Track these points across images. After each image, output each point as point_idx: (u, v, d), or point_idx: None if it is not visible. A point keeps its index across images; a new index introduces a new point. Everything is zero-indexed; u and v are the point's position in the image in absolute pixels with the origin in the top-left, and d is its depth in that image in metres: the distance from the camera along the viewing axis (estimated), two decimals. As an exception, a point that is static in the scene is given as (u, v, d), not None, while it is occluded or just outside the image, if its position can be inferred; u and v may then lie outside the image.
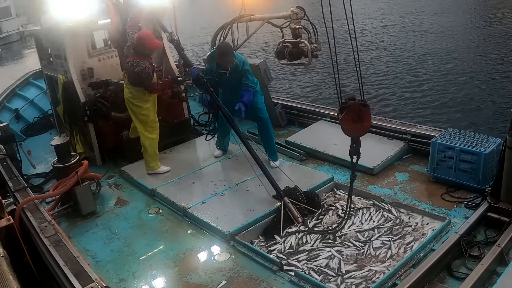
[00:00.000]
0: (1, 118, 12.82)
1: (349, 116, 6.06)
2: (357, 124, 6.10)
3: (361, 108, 6.04)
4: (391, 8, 40.34)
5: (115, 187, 9.11)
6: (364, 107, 6.05)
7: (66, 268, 5.64)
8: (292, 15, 8.93)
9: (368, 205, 7.32)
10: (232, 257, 6.49)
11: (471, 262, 5.78)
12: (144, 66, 8.27)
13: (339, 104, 6.15)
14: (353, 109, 6.03)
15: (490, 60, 21.68)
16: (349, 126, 6.13)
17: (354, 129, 6.17)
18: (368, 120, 6.12)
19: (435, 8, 36.87)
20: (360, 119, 6.07)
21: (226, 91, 8.82)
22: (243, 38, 10.74)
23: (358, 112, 6.04)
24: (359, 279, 5.73)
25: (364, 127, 6.16)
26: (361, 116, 6.06)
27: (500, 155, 6.52)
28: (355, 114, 6.05)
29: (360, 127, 6.13)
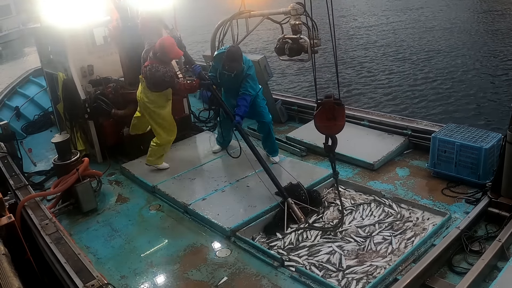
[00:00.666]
0: (2, 116, 12.82)
1: (323, 113, 6.19)
2: (331, 122, 6.24)
3: (335, 107, 6.13)
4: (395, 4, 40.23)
5: (116, 184, 9.12)
6: (338, 106, 6.15)
7: (68, 265, 5.65)
8: (291, 11, 8.92)
9: (369, 200, 7.32)
10: (233, 253, 6.50)
11: (471, 257, 5.78)
12: (164, 71, 8.26)
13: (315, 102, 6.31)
14: (327, 107, 6.14)
15: (491, 56, 21.66)
16: (323, 124, 6.28)
17: (327, 127, 6.32)
18: (342, 119, 6.26)
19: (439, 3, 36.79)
20: (334, 118, 6.18)
21: (228, 91, 8.87)
22: (243, 34, 10.73)
23: (332, 110, 6.14)
24: (360, 274, 5.74)
25: (338, 126, 6.29)
26: (335, 114, 6.17)
27: (501, 150, 6.52)
28: (329, 113, 6.16)
29: (334, 125, 6.27)
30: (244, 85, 8.41)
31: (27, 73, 15.44)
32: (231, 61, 8.14)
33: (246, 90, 8.40)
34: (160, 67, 8.21)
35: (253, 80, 8.52)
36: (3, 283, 4.77)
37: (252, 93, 8.46)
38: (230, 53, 8.18)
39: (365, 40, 27.74)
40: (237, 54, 8.21)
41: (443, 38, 25.67)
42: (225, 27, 10.46)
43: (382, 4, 41.04)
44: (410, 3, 38.70)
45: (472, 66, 20.43)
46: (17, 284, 4.79)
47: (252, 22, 10.44)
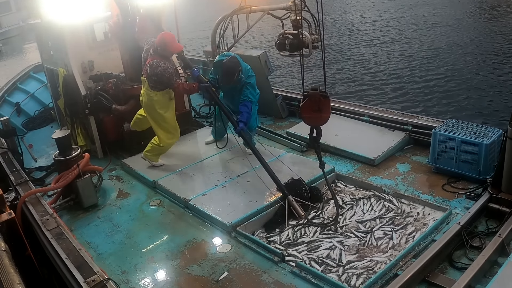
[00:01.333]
0: (2, 112, 12.86)
1: (309, 105, 6.32)
2: (316, 114, 6.37)
3: (321, 99, 6.25)
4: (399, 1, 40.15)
5: (117, 179, 9.12)
6: (324, 98, 6.27)
7: (68, 260, 5.67)
8: (292, 6, 8.92)
9: (369, 195, 7.33)
10: (233, 248, 6.51)
11: (472, 253, 5.78)
12: (165, 66, 8.23)
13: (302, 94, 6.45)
14: (313, 98, 6.28)
15: (492, 52, 21.63)
16: (308, 115, 6.43)
17: (313, 119, 6.47)
18: (327, 111, 6.38)
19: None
20: (320, 110, 6.30)
21: (226, 95, 8.92)
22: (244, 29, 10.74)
23: (317, 102, 6.27)
24: (361, 270, 5.74)
25: (323, 118, 6.43)
26: (320, 106, 6.29)
27: (501, 145, 6.52)
28: (315, 104, 6.29)
29: (319, 117, 6.41)
30: (244, 92, 8.46)
31: (28, 69, 15.45)
32: (226, 75, 8.23)
33: (246, 96, 8.44)
34: (161, 63, 8.19)
35: (252, 88, 8.56)
36: (3, 279, 4.78)
37: (253, 100, 8.51)
38: (225, 67, 8.23)
39: (369, 36, 27.64)
40: (233, 69, 8.22)
41: (445, 35, 25.61)
42: (226, 22, 10.46)
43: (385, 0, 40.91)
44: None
45: (474, 62, 20.39)
46: (17, 280, 4.81)
47: (252, 18, 10.44)
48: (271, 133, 10.10)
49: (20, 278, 4.90)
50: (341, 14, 35.85)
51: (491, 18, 28.74)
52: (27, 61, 29.19)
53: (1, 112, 12.92)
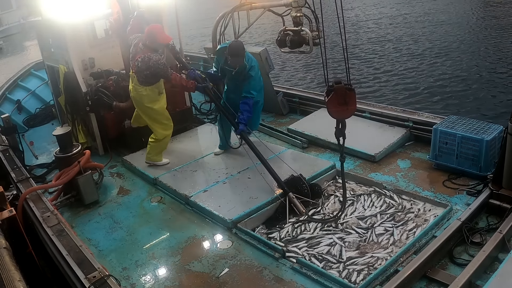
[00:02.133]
0: (3, 109, 12.86)
1: (335, 99, 6.21)
2: (343, 107, 6.24)
3: (346, 92, 6.16)
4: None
5: (118, 176, 9.13)
6: (349, 91, 6.18)
7: (69, 257, 5.67)
8: (293, 3, 8.92)
9: (369, 191, 7.34)
10: (234, 244, 6.52)
11: (472, 249, 5.79)
12: (157, 58, 8.20)
13: (326, 88, 6.32)
14: (339, 92, 6.17)
15: (493, 48, 21.62)
16: (335, 109, 6.28)
17: (339, 112, 6.33)
18: (353, 103, 6.26)
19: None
20: (346, 103, 6.20)
21: (230, 88, 8.76)
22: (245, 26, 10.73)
23: (343, 95, 6.17)
24: (361, 266, 5.75)
25: (349, 110, 6.31)
26: (346, 99, 6.19)
27: (502, 142, 6.53)
28: (341, 98, 6.19)
29: (346, 110, 6.28)
30: (246, 86, 8.29)
31: (28, 66, 15.47)
32: (232, 56, 8.05)
33: (248, 92, 8.26)
34: (152, 56, 8.17)
35: (255, 81, 8.37)
36: (4, 276, 4.79)
37: (254, 95, 8.31)
38: (231, 47, 8.06)
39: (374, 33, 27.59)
40: (239, 49, 8.08)
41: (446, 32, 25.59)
42: (226, 19, 10.45)
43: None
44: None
45: (475, 58, 20.38)
46: (18, 277, 4.81)
47: (253, 14, 10.44)
48: (272, 130, 10.10)
49: (21, 275, 4.91)
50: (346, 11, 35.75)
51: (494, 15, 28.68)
52: (28, 58, 29.21)
53: (2, 109, 12.92)
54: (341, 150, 6.77)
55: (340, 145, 6.68)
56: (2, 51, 47.12)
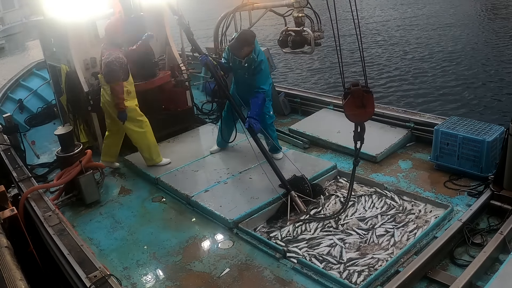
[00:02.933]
0: (5, 109, 12.88)
1: (352, 102, 6.11)
2: (360, 110, 6.15)
3: (364, 94, 6.07)
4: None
5: (119, 176, 9.15)
6: (367, 94, 6.09)
7: (70, 256, 5.67)
8: (295, 3, 8.91)
9: (370, 192, 7.35)
10: (235, 244, 6.52)
11: (473, 250, 5.79)
12: (117, 56, 8.27)
13: (343, 90, 6.20)
14: (356, 95, 6.07)
15: (495, 49, 21.62)
16: (352, 112, 6.19)
17: (357, 115, 6.24)
18: (371, 106, 6.16)
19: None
20: (363, 105, 6.11)
21: (238, 83, 8.62)
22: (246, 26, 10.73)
23: (361, 98, 6.08)
24: (362, 267, 5.75)
25: (367, 113, 6.21)
26: (364, 102, 6.10)
27: (503, 143, 6.53)
28: (358, 100, 6.09)
29: (364, 113, 6.18)
30: (257, 81, 8.12)
31: (30, 65, 15.48)
32: (242, 45, 7.88)
33: (259, 87, 8.11)
34: (113, 53, 8.27)
35: (266, 76, 8.26)
36: (5, 275, 4.79)
37: (265, 89, 8.16)
38: (242, 35, 7.92)
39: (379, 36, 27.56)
40: (250, 37, 7.89)
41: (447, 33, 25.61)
42: (228, 19, 10.45)
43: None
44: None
45: (476, 59, 20.40)
46: (19, 276, 4.81)
47: (255, 15, 10.43)
48: (273, 130, 10.08)
49: (22, 275, 4.91)
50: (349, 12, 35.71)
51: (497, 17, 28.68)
52: (30, 58, 29.23)
53: (4, 109, 12.95)
54: (356, 154, 6.72)
55: (357, 148, 6.63)
56: (4, 50, 47.17)
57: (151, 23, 10.36)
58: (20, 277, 4.81)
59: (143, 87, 9.44)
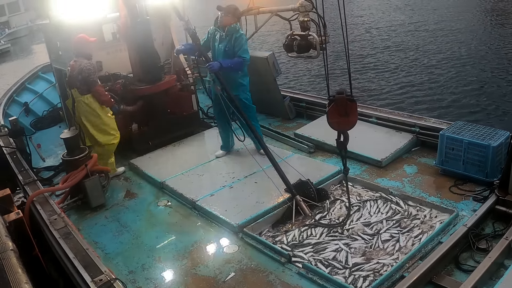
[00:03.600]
0: (11, 112, 12.92)
1: (335, 109, 6.15)
2: (343, 119, 6.18)
3: (347, 103, 6.10)
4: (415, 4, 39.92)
5: (124, 179, 9.16)
6: (350, 102, 6.11)
7: (76, 260, 5.68)
8: (300, 8, 8.92)
9: (375, 197, 7.34)
10: (240, 249, 6.52)
11: (478, 255, 5.78)
12: (88, 63, 8.58)
13: (328, 98, 6.24)
14: (340, 103, 6.11)
15: (500, 54, 21.59)
16: (335, 120, 6.23)
17: (340, 123, 6.27)
18: (354, 115, 6.18)
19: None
20: (347, 114, 6.14)
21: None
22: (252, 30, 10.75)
23: (344, 106, 6.11)
24: (367, 272, 5.75)
25: (350, 122, 6.23)
26: (347, 110, 6.12)
27: (509, 147, 6.53)
28: (342, 109, 6.12)
29: (346, 121, 6.21)
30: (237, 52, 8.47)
31: (36, 69, 15.55)
32: (228, 12, 8.43)
33: (239, 55, 8.46)
34: (82, 62, 8.57)
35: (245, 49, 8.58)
36: (11, 278, 4.80)
37: (245, 57, 8.49)
38: (229, 6, 8.49)
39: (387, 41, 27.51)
40: (236, 9, 8.54)
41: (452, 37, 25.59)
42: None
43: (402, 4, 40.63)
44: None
45: (481, 64, 20.37)
46: (25, 280, 4.83)
47: (260, 19, 10.45)
48: (279, 134, 10.10)
49: (28, 278, 4.92)
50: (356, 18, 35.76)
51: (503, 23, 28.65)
52: (36, 61, 29.29)
53: (9, 112, 12.99)
54: (344, 163, 6.74)
55: (343, 157, 6.66)
56: (10, 54, 47.31)
57: (157, 27, 10.38)
58: (26, 280, 4.82)
59: (149, 91, 9.47)
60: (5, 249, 5.33)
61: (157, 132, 9.84)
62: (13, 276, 4.85)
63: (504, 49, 22.21)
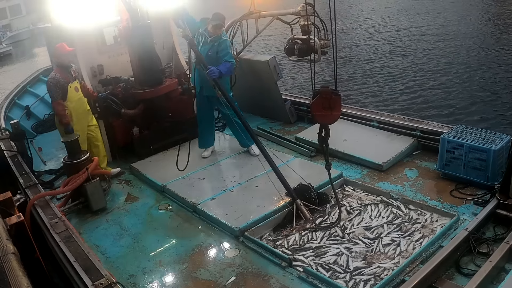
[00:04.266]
0: (12, 115, 12.93)
1: (320, 102, 6.24)
2: (327, 112, 6.28)
3: (332, 96, 6.19)
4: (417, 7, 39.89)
5: (125, 183, 9.17)
6: (335, 96, 6.21)
7: (77, 263, 5.67)
8: (301, 12, 8.93)
9: (376, 201, 7.34)
10: (241, 253, 6.53)
11: (479, 259, 5.77)
12: (53, 76, 8.73)
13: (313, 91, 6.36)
14: (324, 95, 6.20)
15: (503, 56, 21.60)
16: (319, 113, 6.33)
17: (323, 116, 6.39)
18: (338, 109, 6.32)
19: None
20: (330, 107, 6.23)
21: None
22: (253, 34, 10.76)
23: (328, 99, 6.20)
24: (368, 276, 5.74)
25: (334, 116, 6.36)
26: (331, 104, 6.22)
27: (509, 151, 6.52)
28: (326, 101, 6.22)
29: (330, 115, 6.34)
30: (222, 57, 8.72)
31: (38, 72, 15.55)
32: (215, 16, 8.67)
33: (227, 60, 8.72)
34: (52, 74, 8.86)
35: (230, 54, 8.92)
36: (12, 282, 4.80)
37: (233, 62, 8.89)
38: (215, 13, 8.70)
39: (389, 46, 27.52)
40: (221, 16, 8.71)
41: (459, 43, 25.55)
42: (235, 27, 10.49)
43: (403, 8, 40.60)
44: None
45: (483, 68, 20.37)
46: (25, 283, 4.82)
47: (262, 23, 10.47)
48: (280, 138, 10.11)
49: (29, 281, 4.92)
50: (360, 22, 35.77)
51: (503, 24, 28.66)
52: (37, 64, 29.34)
53: (11, 115, 13.00)
54: (326, 158, 6.88)
55: (325, 152, 6.80)
56: (12, 57, 47.38)
57: (158, 31, 10.39)
58: (27, 284, 4.82)
59: (150, 94, 9.48)
60: (6, 252, 5.32)
61: (158, 135, 9.85)
62: (14, 279, 4.84)
63: (505, 53, 22.19)
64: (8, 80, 30.36)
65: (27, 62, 40.93)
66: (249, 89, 11.26)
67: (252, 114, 11.52)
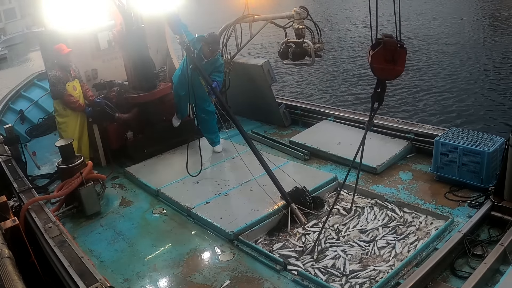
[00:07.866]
0: (6, 120, 12.88)
1: (382, 53, 5.48)
2: (389, 65, 5.54)
3: (397, 48, 5.46)
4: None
5: (120, 187, 9.14)
6: (401, 48, 5.48)
7: (71, 268, 5.66)
8: (295, 15, 8.94)
9: (371, 204, 7.35)
10: (236, 256, 6.52)
11: (474, 261, 5.78)
12: (54, 74, 9.02)
13: (372, 41, 5.56)
14: (389, 46, 5.45)
15: (496, 59, 21.66)
16: (380, 66, 5.57)
17: (385, 70, 5.62)
18: (402, 64, 5.56)
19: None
20: (394, 61, 5.50)
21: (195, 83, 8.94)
22: (246, 38, 10.76)
23: (393, 51, 5.47)
24: (363, 279, 5.74)
25: (396, 71, 5.60)
26: (395, 57, 5.48)
27: (503, 154, 6.53)
28: (389, 54, 5.47)
29: (392, 69, 5.58)
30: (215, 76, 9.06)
31: (32, 76, 15.51)
32: (214, 43, 8.86)
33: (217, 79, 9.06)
34: (53, 71, 9.08)
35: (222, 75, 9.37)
36: (7, 286, 4.79)
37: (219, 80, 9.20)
38: (212, 36, 8.91)
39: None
40: (218, 39, 9.15)
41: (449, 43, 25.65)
42: (229, 31, 10.49)
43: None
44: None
45: (476, 71, 20.43)
46: (21, 286, 4.82)
47: (255, 27, 10.47)
48: (274, 142, 10.11)
49: (24, 285, 4.91)
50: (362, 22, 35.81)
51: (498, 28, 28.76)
52: (32, 68, 29.29)
53: (5, 119, 12.95)
54: (371, 116, 6.27)
55: (373, 110, 6.09)
56: (6, 61, 47.33)
57: (152, 35, 10.38)
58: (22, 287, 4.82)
59: (144, 98, 9.47)
60: (1, 256, 5.32)
61: (152, 140, 9.83)
62: (10, 283, 4.84)
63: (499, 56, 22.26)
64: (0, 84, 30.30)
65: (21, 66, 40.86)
66: (243, 93, 11.26)
67: (246, 118, 11.52)
